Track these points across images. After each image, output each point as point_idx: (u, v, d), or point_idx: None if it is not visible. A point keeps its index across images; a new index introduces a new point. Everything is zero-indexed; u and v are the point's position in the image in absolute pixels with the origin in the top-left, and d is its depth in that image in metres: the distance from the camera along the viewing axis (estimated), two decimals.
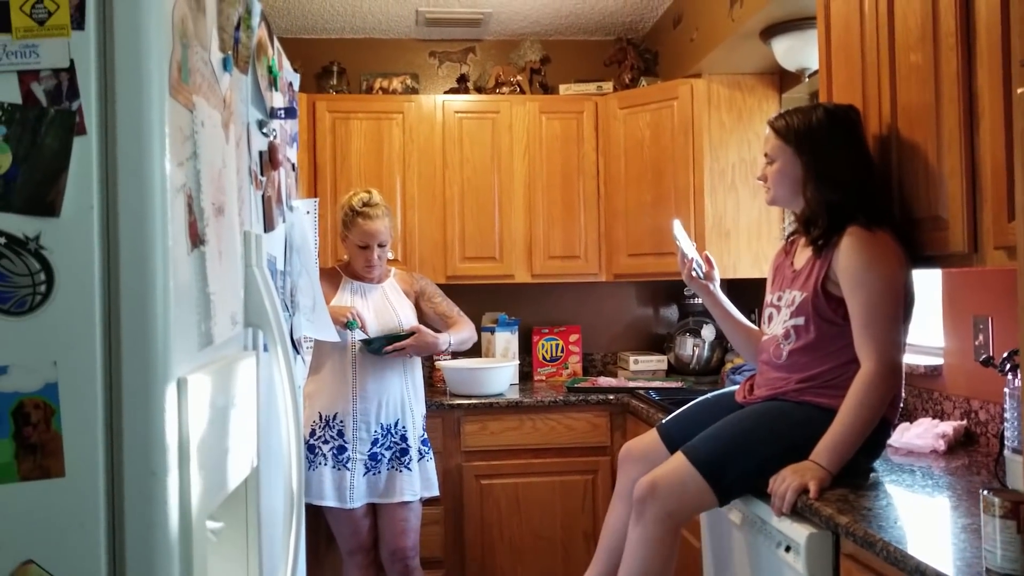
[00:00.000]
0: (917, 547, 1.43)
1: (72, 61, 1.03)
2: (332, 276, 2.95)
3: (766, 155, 2.07)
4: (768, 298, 2.14)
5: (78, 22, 1.03)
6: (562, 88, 3.86)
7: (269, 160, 1.62)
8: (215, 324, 1.25)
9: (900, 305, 1.86)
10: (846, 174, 1.94)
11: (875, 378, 1.81)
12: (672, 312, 4.16)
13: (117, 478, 1.08)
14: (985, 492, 1.31)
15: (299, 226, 1.92)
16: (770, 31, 2.92)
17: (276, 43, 1.75)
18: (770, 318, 2.10)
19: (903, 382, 1.92)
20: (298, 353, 1.87)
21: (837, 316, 1.91)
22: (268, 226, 1.62)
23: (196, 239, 1.17)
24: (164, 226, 1.07)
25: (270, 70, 1.62)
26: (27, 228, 1.03)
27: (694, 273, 2.30)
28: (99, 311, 1.06)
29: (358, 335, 2.79)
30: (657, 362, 3.85)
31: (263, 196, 1.59)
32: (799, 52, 2.90)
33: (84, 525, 1.08)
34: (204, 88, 1.22)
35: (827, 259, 1.93)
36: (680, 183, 3.51)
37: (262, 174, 1.58)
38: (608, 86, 3.83)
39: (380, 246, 2.86)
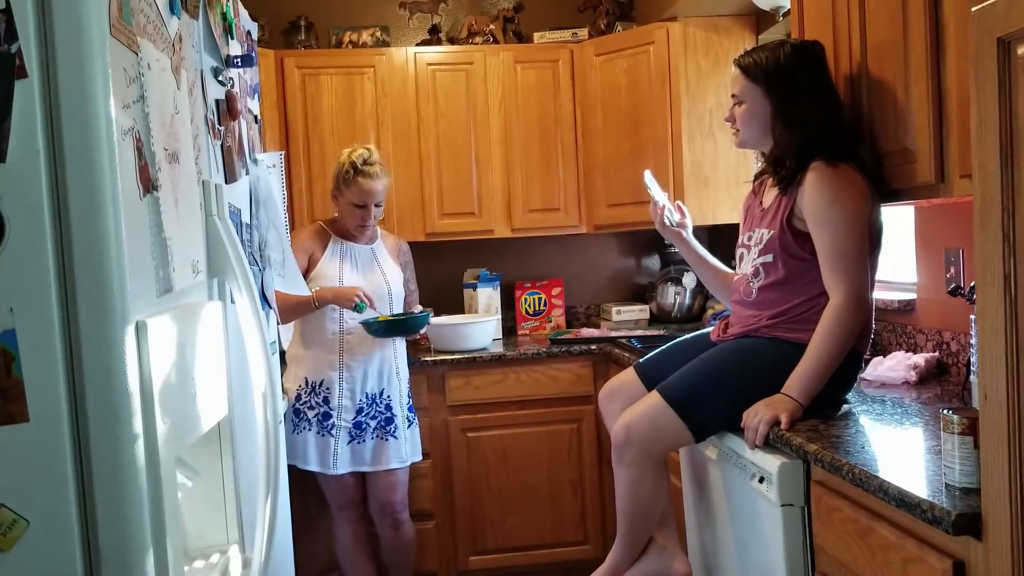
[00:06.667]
0: (882, 469, 1.45)
1: (8, 2, 1.01)
2: (320, 234, 2.91)
3: (733, 95, 2.03)
4: (740, 239, 2.14)
5: None
6: (536, 36, 3.81)
7: (228, 110, 1.60)
8: (174, 271, 1.25)
9: (866, 238, 1.86)
10: (815, 113, 1.92)
11: (843, 310, 1.82)
12: (654, 262, 4.16)
13: (82, 421, 1.09)
14: (945, 411, 1.33)
15: (264, 180, 1.91)
16: None
17: None
18: (741, 258, 2.11)
19: (872, 314, 1.93)
20: (269, 307, 1.87)
21: (804, 251, 1.92)
22: (229, 177, 1.61)
23: (148, 184, 1.17)
24: (112, 169, 1.06)
25: (224, 17, 1.60)
26: None
27: (667, 221, 2.30)
28: (52, 256, 1.06)
29: (360, 316, 2.77)
30: (639, 312, 3.87)
31: (222, 146, 1.58)
32: None
33: (51, 469, 1.09)
34: (149, 30, 1.20)
35: (792, 196, 1.93)
36: (658, 131, 3.49)
37: (220, 123, 1.56)
38: (583, 33, 3.78)
39: (376, 206, 2.84)
